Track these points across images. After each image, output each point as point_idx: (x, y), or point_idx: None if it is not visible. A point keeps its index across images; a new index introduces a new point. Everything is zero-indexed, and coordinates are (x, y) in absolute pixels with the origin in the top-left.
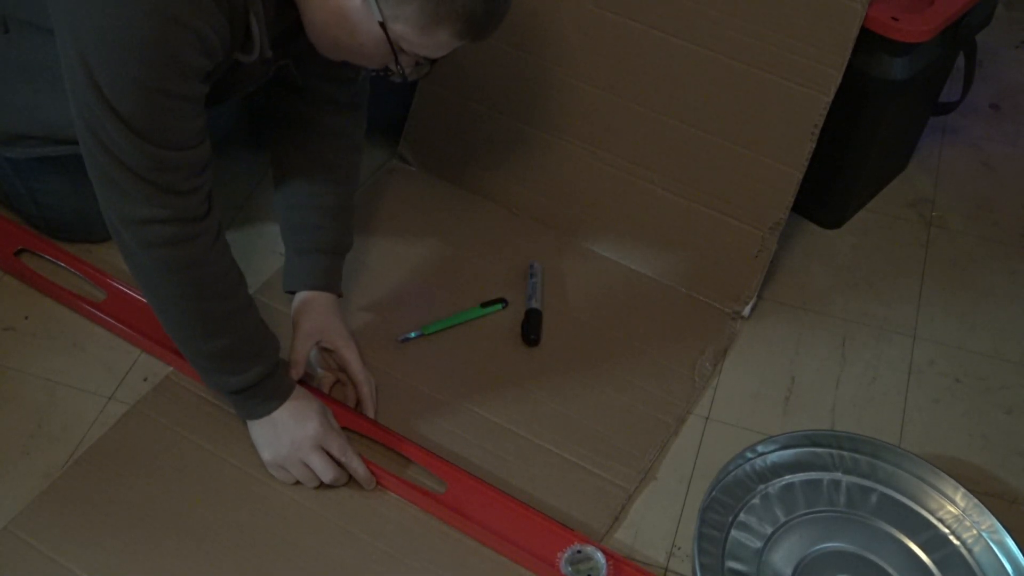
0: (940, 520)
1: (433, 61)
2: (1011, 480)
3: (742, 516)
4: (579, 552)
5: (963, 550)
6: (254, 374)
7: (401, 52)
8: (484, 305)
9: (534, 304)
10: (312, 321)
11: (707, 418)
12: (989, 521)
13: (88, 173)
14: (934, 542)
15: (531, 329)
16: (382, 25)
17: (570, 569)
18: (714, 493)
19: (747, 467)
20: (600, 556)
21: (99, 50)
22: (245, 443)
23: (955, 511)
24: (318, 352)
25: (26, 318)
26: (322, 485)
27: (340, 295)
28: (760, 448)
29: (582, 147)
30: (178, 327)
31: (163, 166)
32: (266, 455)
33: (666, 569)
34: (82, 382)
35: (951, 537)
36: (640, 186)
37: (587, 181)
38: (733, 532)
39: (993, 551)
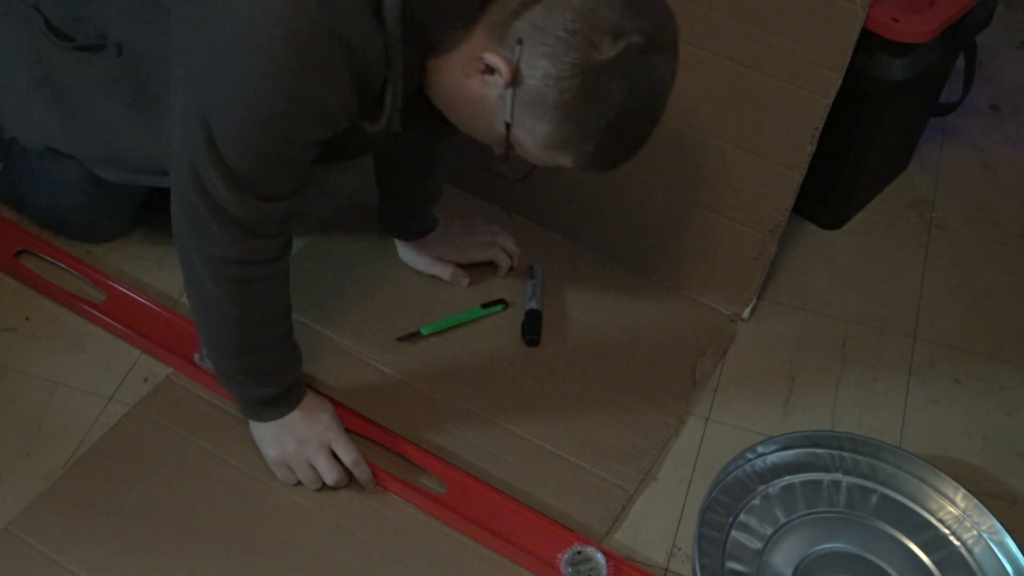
0: (940, 521)
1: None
2: (1011, 481)
3: (742, 517)
4: (579, 553)
5: (963, 551)
6: (275, 389)
7: (511, 151)
8: (484, 306)
9: (534, 305)
10: (444, 245)
11: (707, 419)
12: (989, 522)
13: (173, 205)
14: (934, 543)
15: (531, 330)
16: (507, 126)
17: (570, 570)
18: (714, 494)
19: (747, 468)
20: (600, 557)
21: (224, 113)
22: (245, 444)
23: (955, 512)
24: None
25: (26, 319)
26: (323, 487)
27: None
28: (760, 449)
29: None
30: (217, 342)
31: (258, 215)
32: (272, 452)
33: (666, 570)
34: (82, 383)
35: (951, 538)
36: (640, 188)
37: (587, 183)
38: (733, 533)
39: (993, 552)
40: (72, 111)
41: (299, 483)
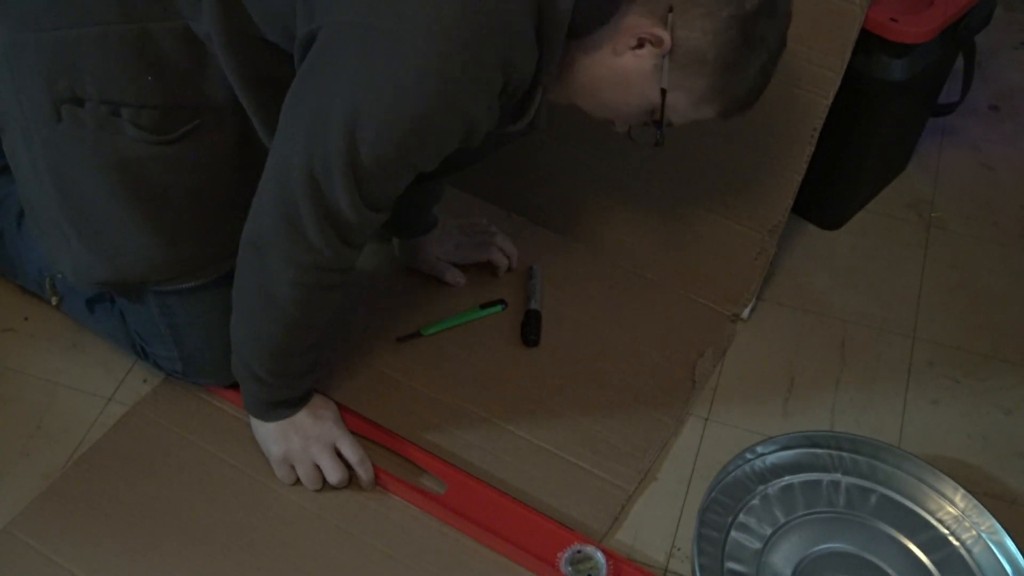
0: (940, 521)
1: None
2: (1010, 481)
3: (742, 517)
4: (579, 552)
5: (962, 551)
6: (295, 392)
7: (663, 117)
8: (484, 306)
9: (534, 305)
10: (443, 244)
11: (707, 419)
12: (988, 522)
13: (260, 208)
14: (934, 543)
15: (531, 330)
16: (663, 92)
17: (570, 569)
18: (714, 494)
19: (747, 468)
20: (600, 556)
21: (377, 121)
22: (245, 444)
23: (954, 512)
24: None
25: (26, 319)
26: (323, 486)
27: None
28: (760, 449)
29: (582, 149)
30: (259, 342)
31: (361, 224)
32: (275, 449)
33: (666, 570)
34: (82, 383)
35: (950, 538)
36: (640, 188)
37: (587, 183)
38: (733, 533)
39: (992, 552)
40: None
41: (298, 482)
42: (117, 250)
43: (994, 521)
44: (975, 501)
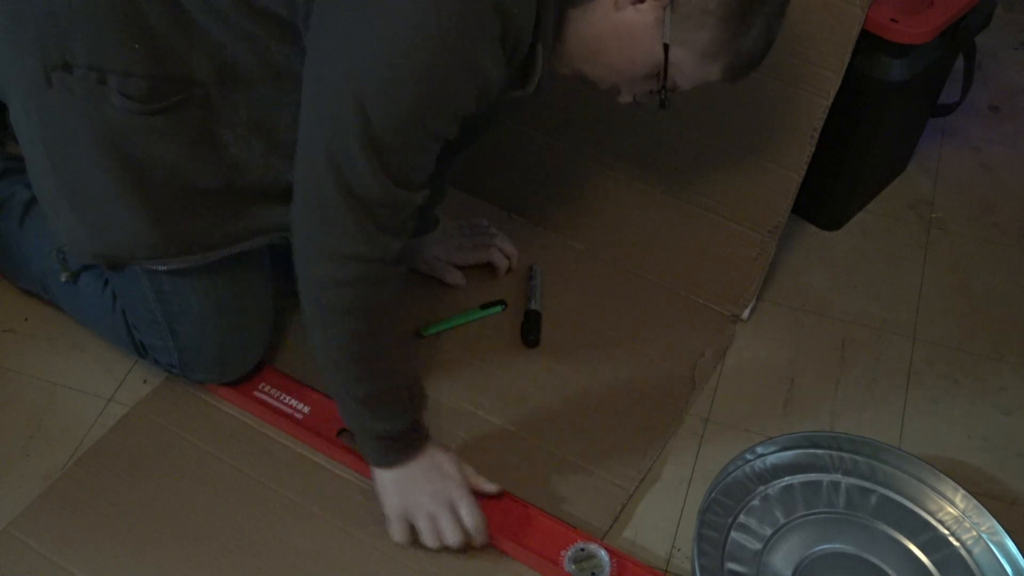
0: (940, 521)
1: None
2: (1010, 481)
3: (742, 517)
4: (583, 550)
5: (963, 551)
6: (403, 422)
7: (667, 74)
8: (484, 306)
9: (534, 305)
10: (443, 245)
11: (707, 419)
12: (989, 522)
13: (298, 208)
14: (934, 543)
15: (531, 330)
16: (665, 47)
17: (574, 567)
18: (714, 494)
19: (747, 468)
20: (604, 553)
21: (383, 82)
22: (245, 444)
23: (955, 512)
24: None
25: (26, 320)
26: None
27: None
28: (760, 449)
29: (582, 150)
30: (338, 368)
31: (393, 205)
32: (396, 501)
33: (666, 570)
34: (82, 384)
35: (951, 538)
36: (640, 189)
37: (587, 183)
38: (733, 533)
39: (993, 552)
40: (159, 198)
41: (413, 542)
42: (105, 223)
43: (994, 521)
44: (975, 501)
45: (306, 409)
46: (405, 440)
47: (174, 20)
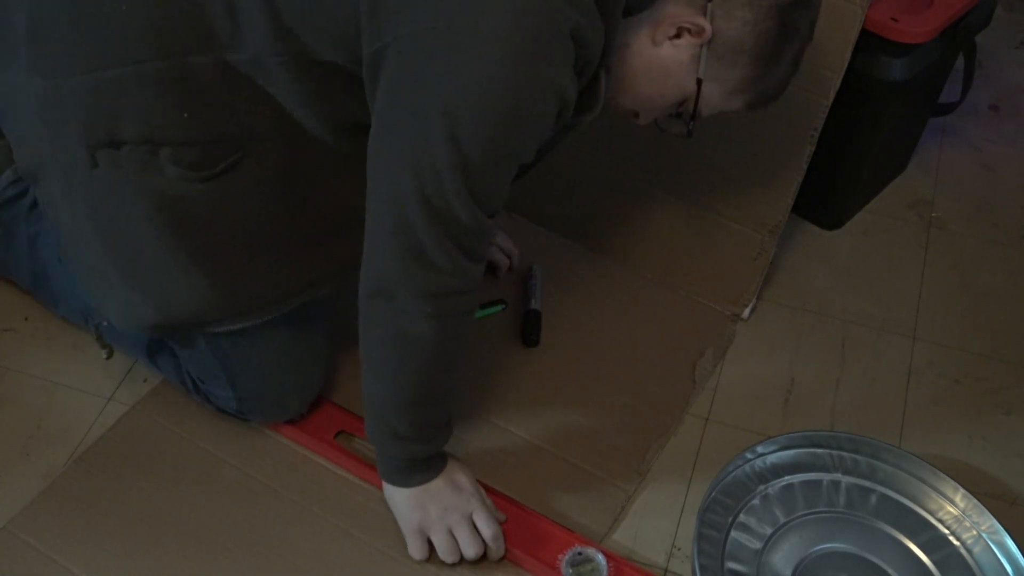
0: (940, 521)
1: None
2: (1011, 481)
3: (742, 517)
4: (580, 554)
5: (963, 551)
6: (431, 447)
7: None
8: (483, 306)
9: (534, 305)
10: None
11: (707, 419)
12: (989, 522)
13: (388, 255)
14: (934, 543)
15: (531, 330)
16: (699, 82)
17: (571, 571)
18: (714, 494)
19: (747, 468)
20: (601, 558)
21: (472, 108)
22: (245, 444)
23: (955, 512)
24: None
25: (26, 319)
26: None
27: None
28: (760, 449)
29: (582, 149)
30: (398, 393)
31: (479, 231)
32: (415, 516)
33: (666, 570)
34: (82, 383)
35: (951, 538)
36: (640, 188)
37: (587, 183)
38: (733, 533)
39: (993, 552)
40: (215, 259)
41: (431, 557)
42: (164, 292)
43: (994, 521)
44: (975, 501)
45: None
46: (431, 463)
47: (226, 81)
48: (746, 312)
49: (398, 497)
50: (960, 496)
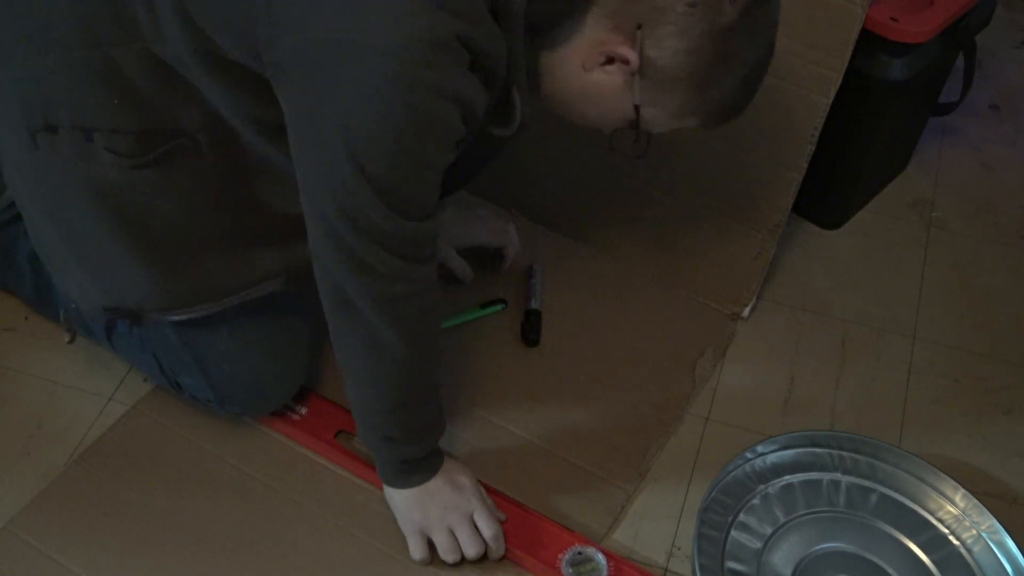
0: (940, 520)
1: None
2: (1011, 480)
3: (742, 516)
4: (580, 554)
5: (963, 550)
6: (422, 448)
7: (641, 129)
8: (484, 305)
9: (534, 305)
10: (446, 231)
11: (707, 419)
12: (989, 521)
13: (327, 270)
14: (934, 542)
15: (531, 329)
16: (636, 108)
17: (571, 571)
18: (714, 493)
19: (747, 467)
20: (601, 557)
21: (364, 125)
22: (245, 444)
23: (955, 511)
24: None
25: (26, 318)
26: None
27: None
28: (760, 448)
29: (582, 148)
30: (377, 397)
31: (414, 239)
32: (415, 517)
33: (666, 570)
34: (82, 382)
35: (951, 537)
36: (640, 188)
37: (587, 183)
38: (733, 532)
39: (993, 551)
40: (156, 247)
41: (432, 558)
42: (110, 277)
43: (994, 521)
44: (975, 501)
45: (303, 411)
46: (426, 463)
47: (153, 74)
48: (746, 312)
49: (398, 498)
50: (960, 496)
